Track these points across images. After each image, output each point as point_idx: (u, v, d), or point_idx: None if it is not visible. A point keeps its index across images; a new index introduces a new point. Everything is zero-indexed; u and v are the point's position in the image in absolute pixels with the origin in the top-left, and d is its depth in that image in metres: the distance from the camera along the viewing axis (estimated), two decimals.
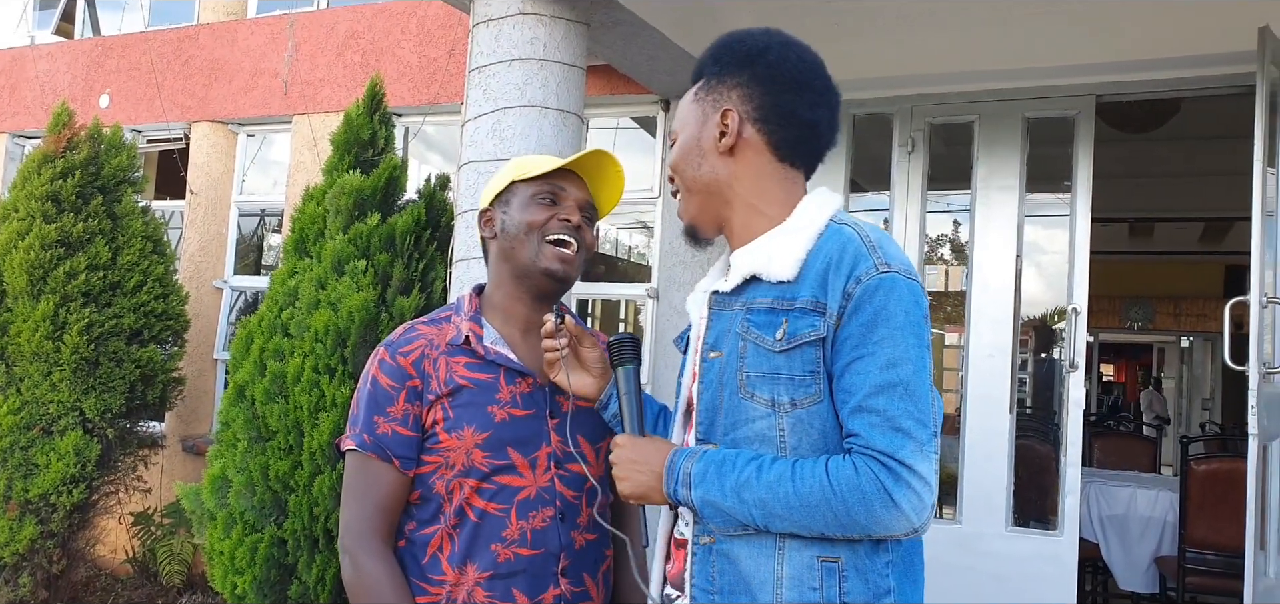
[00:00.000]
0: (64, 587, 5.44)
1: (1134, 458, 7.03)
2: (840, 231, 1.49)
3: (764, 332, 1.47)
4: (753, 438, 1.47)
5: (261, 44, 6.54)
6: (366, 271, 3.99)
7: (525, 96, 3.46)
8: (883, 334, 1.39)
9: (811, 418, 1.44)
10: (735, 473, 1.44)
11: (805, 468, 1.41)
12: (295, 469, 3.83)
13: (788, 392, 1.45)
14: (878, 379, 1.38)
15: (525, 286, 1.84)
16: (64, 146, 5.46)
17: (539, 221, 1.80)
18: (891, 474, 1.36)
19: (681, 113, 1.67)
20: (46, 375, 5.18)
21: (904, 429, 1.37)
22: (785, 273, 1.48)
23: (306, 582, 3.78)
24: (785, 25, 1.70)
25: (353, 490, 1.77)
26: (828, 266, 1.44)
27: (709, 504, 1.47)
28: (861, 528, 1.38)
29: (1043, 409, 8.93)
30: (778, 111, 1.57)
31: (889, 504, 1.36)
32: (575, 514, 1.81)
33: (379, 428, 1.76)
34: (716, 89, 1.61)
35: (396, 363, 1.78)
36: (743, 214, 1.58)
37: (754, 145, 1.58)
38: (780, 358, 1.45)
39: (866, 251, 1.44)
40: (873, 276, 1.42)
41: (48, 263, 5.20)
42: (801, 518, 1.40)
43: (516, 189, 1.84)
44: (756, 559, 1.45)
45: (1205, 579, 4.92)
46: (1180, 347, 13.75)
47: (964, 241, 5.10)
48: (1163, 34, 3.94)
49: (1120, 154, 6.51)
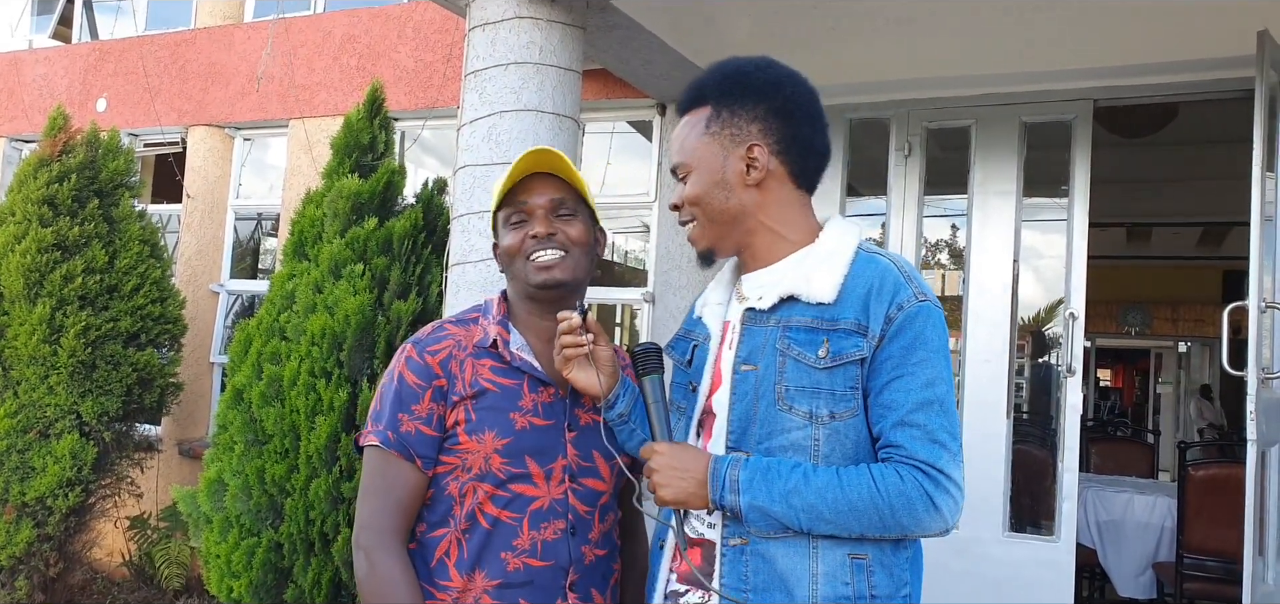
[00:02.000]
0: (61, 590, 5.43)
1: (1131, 463, 7.03)
2: (875, 261, 1.62)
3: (805, 348, 1.58)
4: (788, 447, 1.58)
5: (258, 48, 6.54)
6: (363, 275, 3.99)
7: (521, 100, 3.45)
8: (921, 356, 1.55)
9: (847, 430, 1.57)
10: (782, 480, 1.55)
11: (851, 476, 1.54)
12: (292, 472, 3.83)
13: (828, 405, 1.57)
14: (919, 397, 1.54)
15: (533, 304, 1.85)
16: (61, 150, 5.45)
17: (516, 246, 1.81)
18: (933, 481, 1.52)
19: (690, 146, 1.71)
20: (43, 378, 5.17)
21: (941, 441, 1.53)
22: (826, 295, 1.59)
23: (303, 585, 3.77)
24: (782, 29, 1.72)
25: (372, 487, 1.76)
26: (870, 292, 1.58)
27: (756, 509, 1.56)
28: (903, 529, 1.53)
29: (1039, 414, 8.91)
30: (798, 143, 1.68)
31: (931, 507, 1.51)
32: (586, 529, 1.80)
33: (403, 425, 1.75)
34: (732, 122, 1.67)
35: (424, 361, 1.77)
36: (765, 239, 1.69)
37: (777, 176, 1.68)
38: (822, 374, 1.57)
39: (904, 282, 1.59)
40: (913, 304, 1.57)
41: (44, 266, 5.19)
42: (848, 521, 1.53)
43: (498, 217, 1.87)
44: (792, 558, 1.56)
45: (1203, 585, 4.92)
46: (1178, 352, 13.75)
47: (961, 246, 5.10)
48: (1160, 38, 3.93)
49: (1118, 159, 6.51)
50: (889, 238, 4.71)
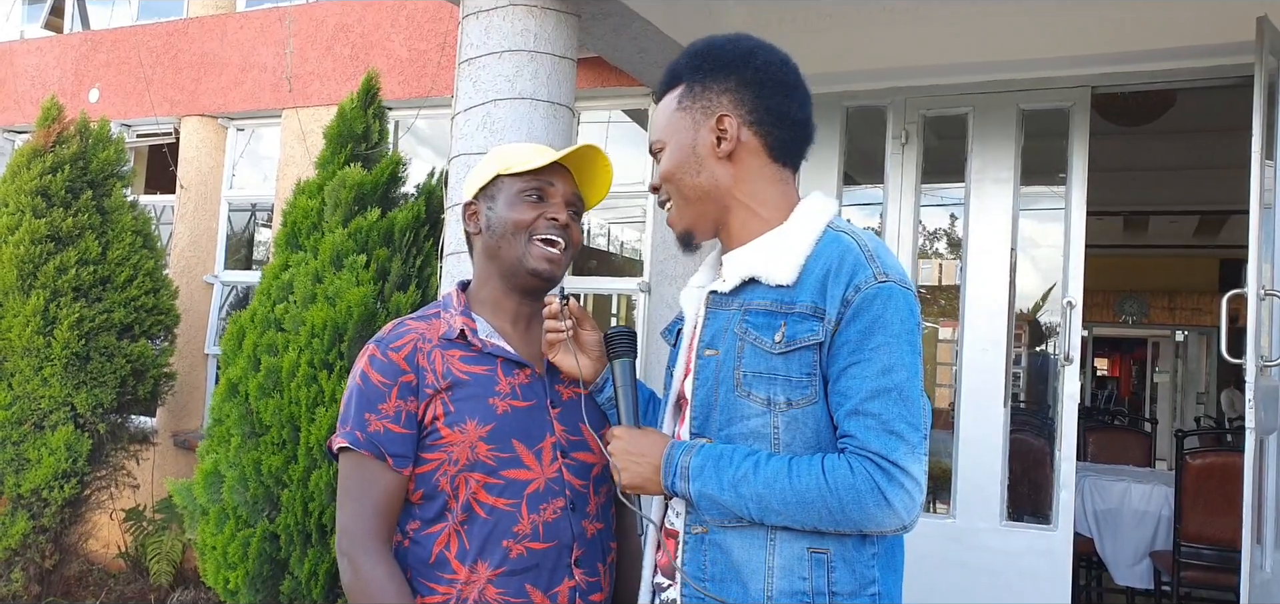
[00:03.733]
0: (56, 582, 5.42)
1: (1128, 452, 7.02)
2: (839, 239, 1.53)
3: (762, 333, 1.52)
4: (747, 434, 1.52)
5: (251, 37, 6.51)
6: (367, 266, 3.97)
7: (516, 88, 3.43)
8: (879, 341, 1.46)
9: (806, 417, 1.50)
10: (732, 468, 1.49)
11: (801, 465, 1.46)
12: (289, 464, 3.81)
13: (784, 392, 1.50)
14: (874, 384, 1.45)
15: (512, 284, 1.81)
16: (53, 141, 5.43)
17: (526, 221, 1.76)
18: (885, 474, 1.43)
19: (663, 122, 1.67)
20: (37, 370, 5.15)
21: (897, 432, 1.44)
22: (784, 277, 1.52)
23: (299, 577, 3.76)
24: (778, 16, 1.70)
25: (348, 492, 1.73)
26: (827, 273, 1.49)
27: (706, 497, 1.51)
28: (855, 524, 1.45)
29: (1036, 403, 8.92)
30: (771, 114, 1.61)
31: (882, 502, 1.43)
32: (585, 503, 1.78)
33: (371, 425, 1.71)
34: (703, 95, 1.62)
35: (388, 358, 1.73)
36: (740, 216, 1.62)
37: (750, 148, 1.61)
38: (778, 359, 1.50)
39: (865, 261, 1.49)
40: (871, 285, 1.47)
41: (37, 258, 5.17)
42: (797, 513, 1.46)
43: (502, 183, 1.80)
44: (748, 549, 1.50)
45: (1200, 573, 4.91)
46: (1175, 341, 13.74)
47: (958, 235, 5.08)
48: (1159, 24, 3.91)
49: (1115, 147, 6.49)
50: (886, 226, 4.70)
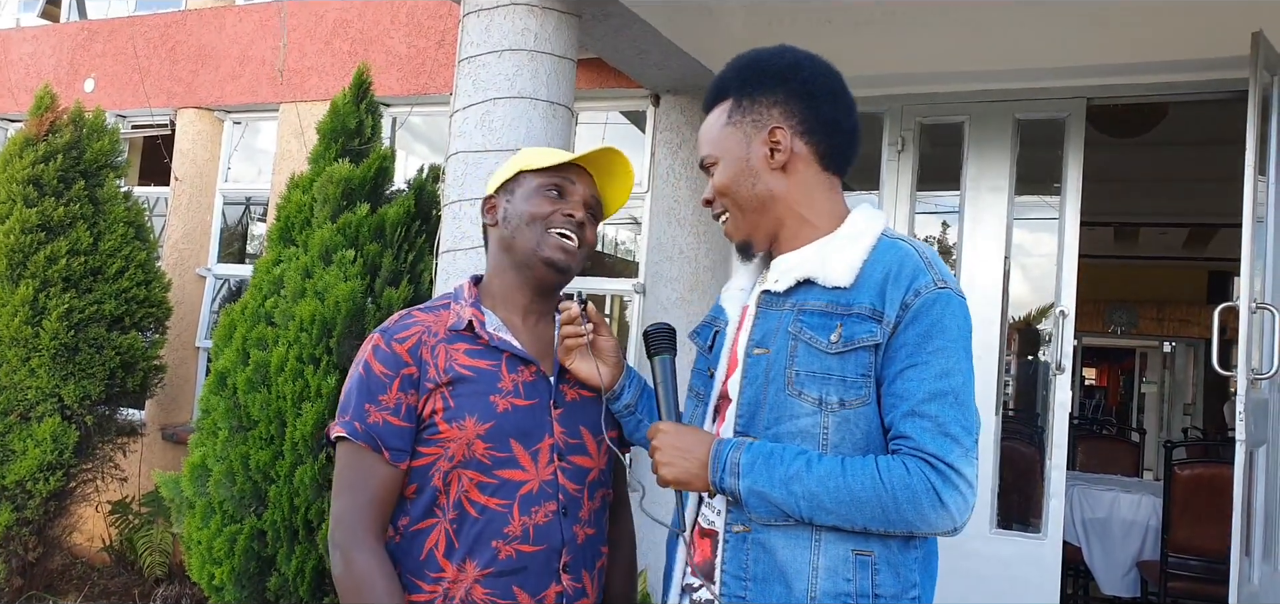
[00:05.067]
0: (39, 574, 5.38)
1: (1116, 461, 7.05)
2: (897, 245, 1.57)
3: (818, 333, 1.54)
4: (796, 434, 1.53)
5: (249, 30, 6.49)
6: (355, 261, 3.95)
7: (515, 87, 3.43)
8: (938, 345, 1.49)
9: (857, 418, 1.51)
10: (784, 465, 1.50)
11: (856, 465, 1.47)
12: (276, 459, 3.79)
13: (837, 392, 1.51)
14: (931, 387, 1.47)
15: (525, 277, 1.81)
16: (46, 130, 5.39)
17: (543, 214, 1.78)
18: (940, 476, 1.45)
19: (715, 137, 1.69)
20: (25, 361, 5.12)
21: (953, 435, 1.46)
22: (842, 279, 1.55)
23: (286, 574, 3.74)
24: (776, 21, 1.71)
25: (344, 482, 1.71)
26: (887, 277, 1.52)
27: (756, 493, 1.51)
28: (908, 524, 1.46)
29: (1026, 411, 8.96)
30: (821, 123, 1.64)
31: (937, 504, 1.45)
32: (577, 508, 1.77)
33: (370, 416, 1.70)
34: (753, 109, 1.65)
35: (391, 349, 1.73)
36: (793, 224, 1.65)
37: (803, 158, 1.64)
38: (834, 359, 1.52)
39: (924, 267, 1.53)
40: (931, 291, 1.51)
41: (28, 247, 5.14)
42: (850, 512, 1.47)
43: (523, 179, 1.82)
44: (793, 549, 1.51)
45: (1187, 584, 4.93)
46: (1163, 351, 13.80)
47: (952, 243, 5.09)
48: (1155, 37, 3.93)
49: (1106, 159, 6.52)
50: None
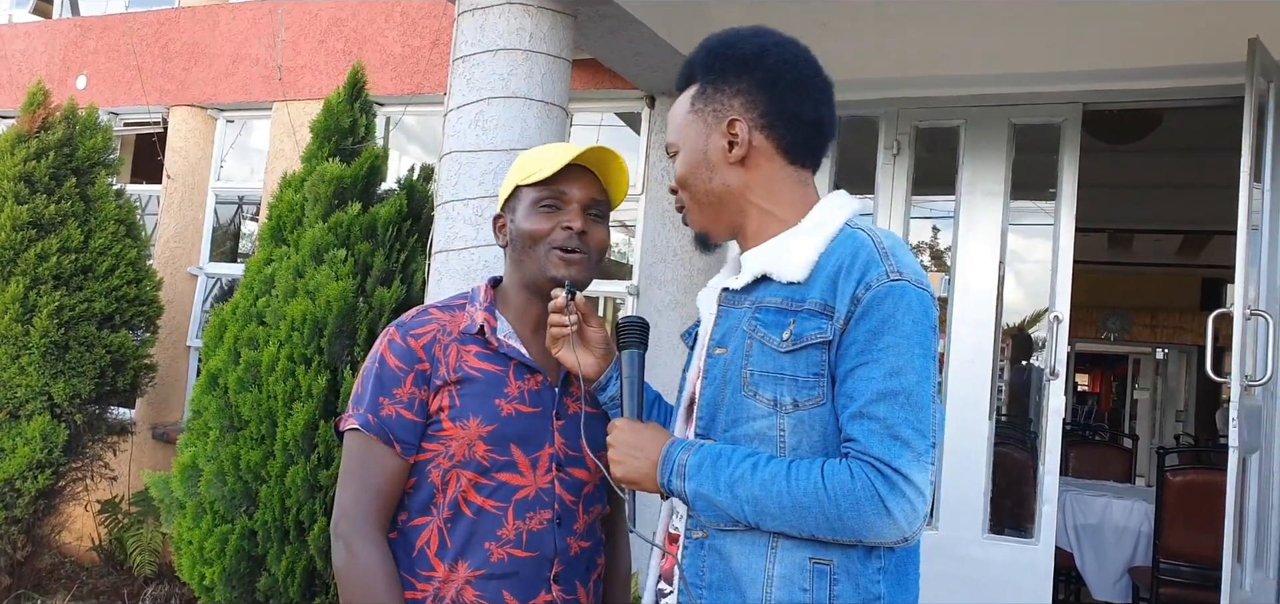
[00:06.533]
0: (28, 573, 5.35)
1: (1108, 467, 7.06)
2: (854, 236, 1.48)
3: (771, 331, 1.46)
4: (752, 436, 1.46)
5: (243, 28, 6.46)
6: (346, 261, 3.94)
7: (509, 87, 3.41)
8: (889, 342, 1.39)
9: (813, 420, 1.43)
10: (730, 468, 1.43)
11: (800, 469, 1.40)
12: (267, 459, 3.77)
13: (790, 392, 1.44)
14: (880, 387, 1.38)
15: (536, 293, 1.79)
16: (38, 127, 5.37)
17: (543, 232, 1.75)
18: (887, 481, 1.35)
19: (679, 124, 1.63)
20: (14, 359, 5.09)
21: (902, 438, 1.36)
22: (796, 274, 1.47)
23: (276, 574, 3.72)
24: (770, 22, 1.68)
25: (352, 473, 1.71)
26: (839, 270, 1.44)
27: (701, 497, 1.46)
28: (853, 533, 1.38)
29: (1020, 417, 8.96)
30: (784, 116, 1.57)
31: (882, 511, 1.35)
32: (572, 519, 1.76)
33: (384, 410, 1.70)
34: (715, 98, 1.58)
35: (407, 344, 1.73)
36: (757, 219, 1.58)
37: (764, 151, 1.57)
38: (785, 358, 1.44)
39: (879, 258, 1.43)
40: (883, 283, 1.41)
41: (18, 244, 5.11)
42: (794, 518, 1.39)
43: (521, 194, 1.79)
44: (748, 556, 1.44)
45: (1178, 590, 4.93)
46: (1155, 358, 13.83)
47: (946, 247, 5.09)
48: (1151, 43, 3.93)
49: (1101, 165, 6.52)
50: None
